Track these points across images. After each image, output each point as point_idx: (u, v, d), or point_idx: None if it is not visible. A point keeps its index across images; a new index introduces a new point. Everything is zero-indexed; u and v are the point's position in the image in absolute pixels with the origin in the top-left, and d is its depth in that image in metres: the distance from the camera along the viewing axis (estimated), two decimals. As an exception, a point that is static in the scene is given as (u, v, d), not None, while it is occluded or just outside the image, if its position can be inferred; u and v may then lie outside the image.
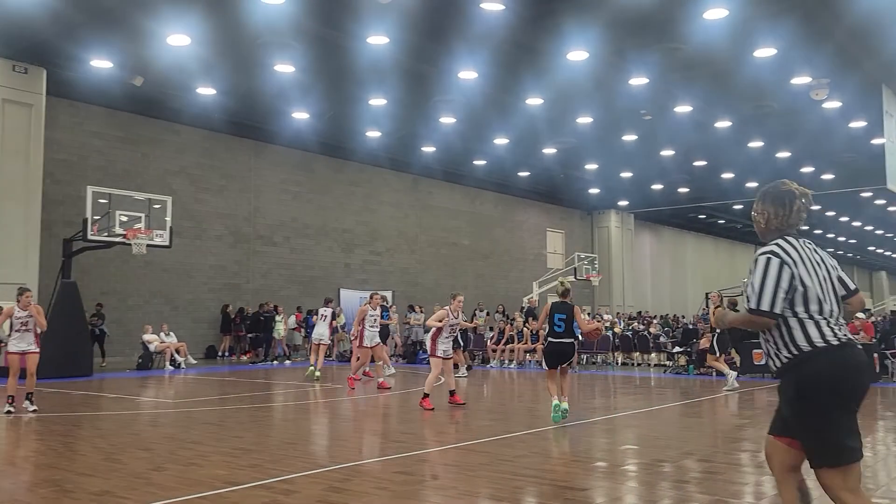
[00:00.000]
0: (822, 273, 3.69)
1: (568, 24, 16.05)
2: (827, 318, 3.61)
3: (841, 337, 3.59)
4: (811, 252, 3.73)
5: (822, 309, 3.61)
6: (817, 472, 3.56)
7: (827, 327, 3.58)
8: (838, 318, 3.65)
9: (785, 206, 3.84)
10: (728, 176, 32.26)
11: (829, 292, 3.67)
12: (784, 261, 3.63)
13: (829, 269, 3.75)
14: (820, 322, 3.59)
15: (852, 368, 3.56)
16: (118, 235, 17.09)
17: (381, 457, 7.32)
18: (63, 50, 17.71)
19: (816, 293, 3.62)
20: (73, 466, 6.89)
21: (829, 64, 18.32)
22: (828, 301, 3.64)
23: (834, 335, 3.58)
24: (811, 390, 3.52)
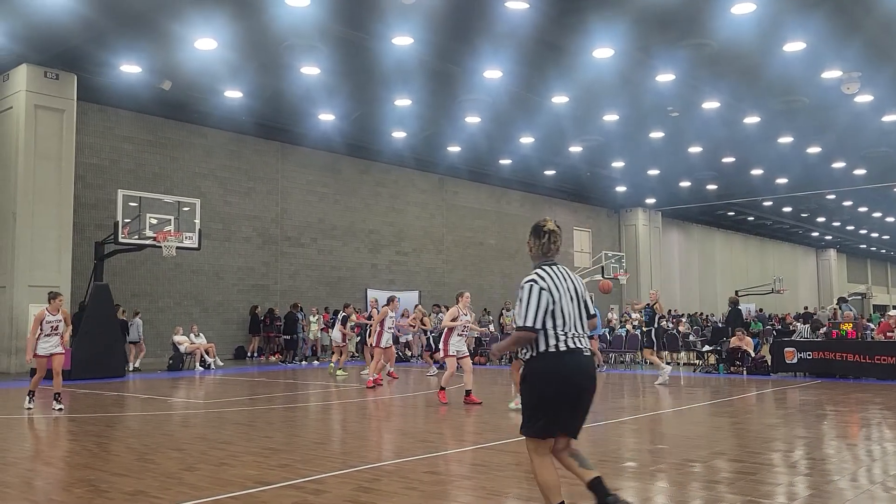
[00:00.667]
0: (570, 295, 4.64)
1: (593, 22, 15.96)
2: (566, 331, 4.55)
3: (570, 345, 4.53)
4: (563, 278, 4.68)
5: (566, 324, 4.56)
6: (524, 435, 4.63)
7: (563, 338, 4.53)
8: (576, 332, 4.59)
9: (540, 237, 4.81)
10: (757, 172, 31.85)
11: (573, 311, 4.62)
12: (542, 287, 4.55)
13: (579, 293, 4.70)
14: (559, 334, 4.53)
15: (574, 372, 4.51)
16: (148, 238, 17.32)
17: (410, 456, 7.34)
18: (93, 56, 18.00)
19: (562, 311, 4.56)
20: (107, 466, 6.99)
21: (860, 57, 18.01)
22: (570, 318, 4.59)
23: (565, 344, 4.52)
24: (534, 379, 4.56)
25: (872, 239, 58.09)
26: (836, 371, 16.02)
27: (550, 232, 4.82)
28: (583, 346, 4.58)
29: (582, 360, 4.55)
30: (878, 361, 15.36)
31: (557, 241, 4.83)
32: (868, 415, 10.43)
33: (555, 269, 4.70)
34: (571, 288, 4.67)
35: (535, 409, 4.54)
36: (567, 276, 4.73)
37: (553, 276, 4.63)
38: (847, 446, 7.96)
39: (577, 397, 4.52)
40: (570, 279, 4.73)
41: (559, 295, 4.57)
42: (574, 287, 4.70)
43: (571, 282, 4.71)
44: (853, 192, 35.78)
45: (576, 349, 4.54)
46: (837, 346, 16.07)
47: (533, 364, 4.58)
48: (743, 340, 17.81)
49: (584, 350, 4.58)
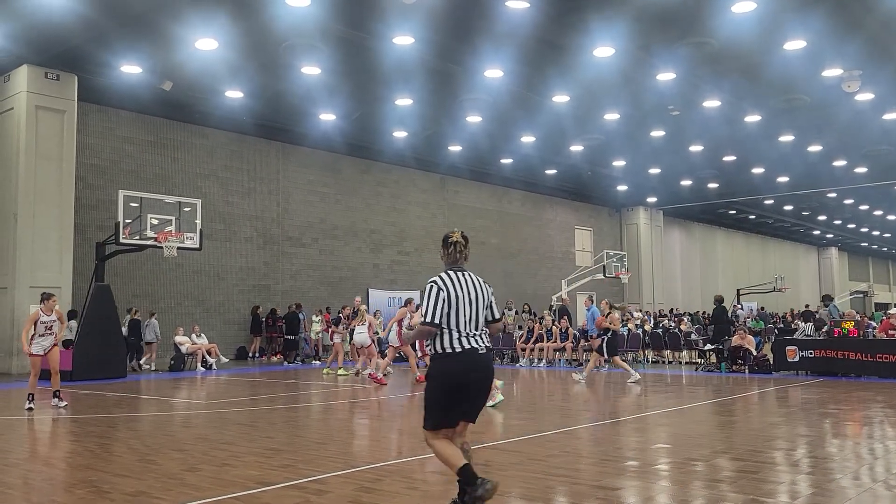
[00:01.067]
0: (470, 300, 5.12)
1: (593, 21, 15.96)
2: (463, 331, 5.04)
3: (465, 345, 5.00)
4: (468, 284, 5.18)
5: (460, 324, 5.03)
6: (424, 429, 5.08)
7: (460, 337, 5.02)
8: (473, 332, 5.08)
9: (447, 247, 5.35)
10: (758, 171, 31.83)
11: (470, 314, 5.09)
12: (440, 288, 5.08)
13: (479, 297, 5.18)
14: (454, 334, 5.02)
15: (467, 368, 4.98)
16: (149, 238, 17.31)
17: (412, 456, 7.33)
18: (94, 56, 18.00)
19: (460, 313, 5.04)
20: (109, 467, 6.99)
21: (860, 55, 17.99)
22: (467, 320, 5.06)
23: (460, 344, 5.00)
24: (433, 375, 5.07)
25: (874, 237, 58.04)
26: (837, 369, 16.01)
27: (456, 242, 5.35)
28: (478, 345, 5.07)
29: (477, 357, 5.04)
30: (880, 360, 15.35)
31: (464, 251, 5.35)
32: (870, 413, 10.42)
33: (459, 274, 5.23)
34: (472, 293, 5.18)
35: (434, 405, 5.06)
36: (471, 281, 5.24)
37: (454, 281, 5.17)
38: (849, 444, 7.95)
39: (470, 393, 5.04)
40: (474, 285, 5.23)
41: (457, 298, 5.08)
42: (476, 293, 5.20)
43: (474, 287, 5.22)
44: (854, 190, 35.74)
45: (470, 349, 5.02)
46: (839, 345, 16.05)
47: (433, 364, 5.14)
48: (745, 339, 17.81)
49: (478, 349, 5.06)
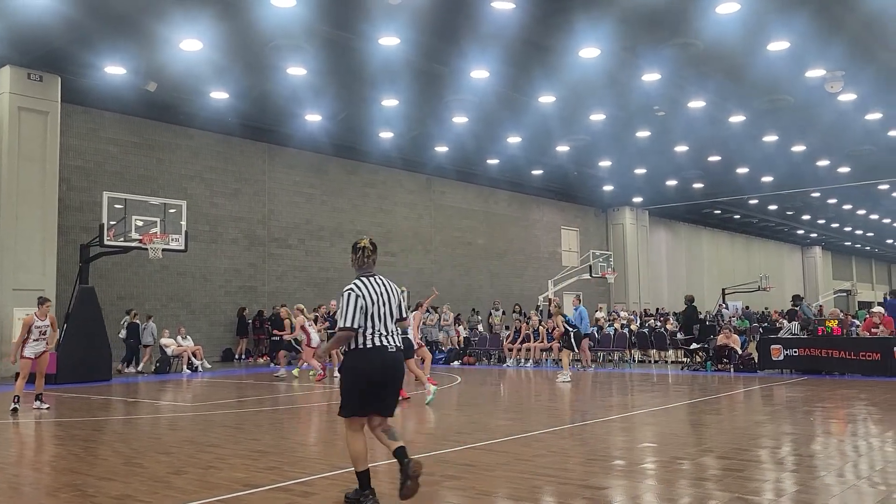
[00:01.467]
0: (381, 301, 5.59)
1: (579, 22, 16.01)
2: (377, 331, 5.53)
3: (377, 343, 5.50)
4: (380, 287, 5.66)
5: (376, 325, 5.53)
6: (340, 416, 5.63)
7: (374, 336, 5.51)
8: (385, 331, 5.56)
9: (356, 253, 5.83)
10: (743, 171, 32.04)
11: (383, 314, 5.58)
12: (358, 294, 5.52)
13: (391, 299, 5.67)
14: (368, 334, 5.50)
15: (378, 365, 5.48)
16: (134, 240, 17.21)
17: (399, 457, 7.32)
18: (77, 57, 17.87)
19: (375, 315, 5.53)
20: (94, 471, 6.94)
21: (843, 56, 18.16)
22: (380, 320, 5.55)
23: (372, 342, 5.49)
24: (348, 370, 5.58)
25: (857, 236, 58.56)
26: (821, 367, 16.13)
27: (364, 248, 5.81)
28: (389, 343, 5.56)
29: (387, 355, 5.52)
30: (863, 358, 15.49)
31: (372, 256, 5.81)
32: (854, 411, 10.52)
33: (371, 279, 5.70)
34: (385, 296, 5.65)
35: (348, 396, 5.58)
36: (382, 284, 5.71)
37: (368, 286, 5.63)
38: (834, 442, 8.02)
39: (381, 386, 5.53)
40: (385, 288, 5.71)
41: (373, 302, 5.55)
42: (388, 295, 5.67)
43: (385, 290, 5.69)
44: (838, 189, 36.05)
45: (381, 346, 5.52)
46: (823, 343, 16.18)
47: (348, 358, 5.58)
48: (730, 338, 17.92)
49: (389, 347, 5.55)
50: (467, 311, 29.17)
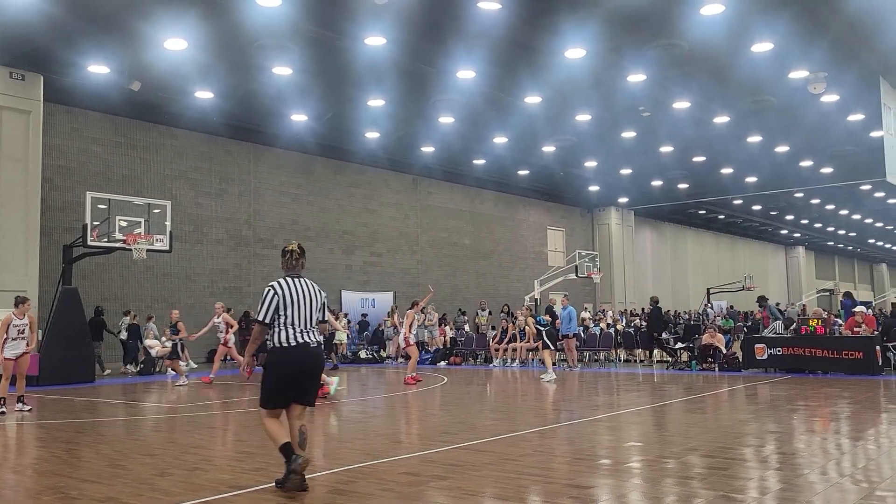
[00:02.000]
0: (302, 301, 6.00)
1: (565, 22, 16.05)
2: (295, 328, 5.94)
3: (298, 340, 5.92)
4: (301, 288, 6.09)
5: (295, 323, 5.95)
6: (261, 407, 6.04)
7: (294, 334, 5.93)
8: (305, 329, 5.98)
9: (284, 256, 6.31)
10: (727, 171, 32.24)
11: (303, 314, 5.99)
12: (276, 292, 6.00)
13: (313, 300, 6.09)
14: (289, 330, 5.92)
15: (297, 360, 5.93)
16: (118, 241, 17.07)
17: (386, 458, 7.32)
18: (60, 56, 17.71)
19: (293, 313, 5.94)
20: (78, 473, 6.88)
21: (826, 57, 18.31)
22: (300, 319, 5.97)
23: (294, 340, 5.92)
24: (269, 366, 5.99)
25: (839, 236, 59.07)
26: (805, 366, 16.27)
27: (291, 251, 6.28)
28: (309, 340, 5.98)
29: (308, 351, 5.96)
30: (846, 356, 15.63)
31: (300, 259, 6.26)
32: (837, 409, 10.61)
33: (295, 280, 6.12)
34: (306, 296, 6.05)
35: (269, 390, 5.98)
36: (305, 286, 6.12)
37: (289, 286, 6.06)
38: (817, 440, 8.09)
39: (300, 380, 5.97)
40: (307, 289, 6.11)
41: (291, 301, 5.96)
42: (309, 295, 6.07)
43: (308, 291, 6.10)
44: (820, 190, 36.33)
45: (302, 343, 5.94)
46: (806, 342, 16.32)
47: (271, 355, 5.98)
48: (715, 337, 18.03)
49: (310, 344, 5.97)
50: (454, 312, 29.18)
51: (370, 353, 23.92)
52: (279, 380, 5.94)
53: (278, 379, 5.95)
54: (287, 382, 5.95)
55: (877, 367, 15.49)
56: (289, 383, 5.95)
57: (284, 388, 5.95)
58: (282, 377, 5.94)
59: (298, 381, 5.97)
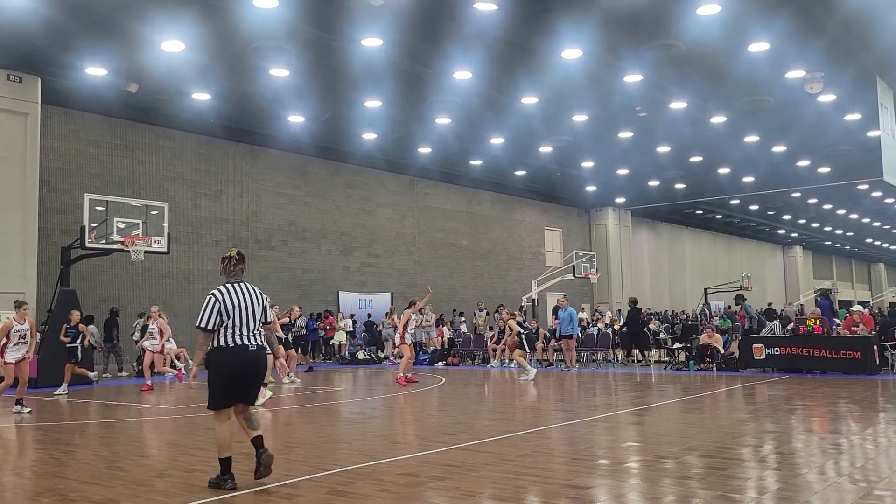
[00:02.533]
0: (243, 306, 6.25)
1: (561, 23, 16.07)
2: (237, 331, 6.19)
3: (237, 342, 6.17)
4: (242, 293, 6.32)
5: (235, 325, 6.19)
6: (209, 408, 6.27)
7: (233, 336, 6.18)
8: (246, 332, 6.23)
9: (223, 262, 6.51)
10: (724, 171, 32.29)
11: (244, 317, 6.24)
12: (217, 299, 6.21)
13: (253, 304, 6.33)
14: (234, 333, 6.18)
15: (238, 361, 6.18)
16: (116, 242, 17.07)
17: (384, 459, 7.32)
18: (57, 58, 17.70)
19: (233, 317, 6.20)
20: (76, 475, 6.88)
21: (822, 57, 18.35)
22: (240, 322, 6.21)
23: (234, 341, 6.17)
24: (213, 366, 6.23)
25: (837, 236, 59.14)
26: (803, 366, 16.28)
27: (230, 258, 6.48)
28: (249, 343, 6.22)
29: (247, 352, 6.20)
30: (844, 356, 15.65)
31: (238, 265, 6.47)
32: (835, 409, 10.63)
33: (235, 286, 6.35)
34: (247, 301, 6.29)
35: (214, 390, 6.21)
36: (246, 291, 6.35)
37: (230, 292, 6.28)
38: (815, 440, 8.10)
39: (242, 380, 6.21)
40: (248, 294, 6.35)
41: (232, 306, 6.20)
42: (249, 300, 6.31)
43: (248, 296, 6.33)
44: (818, 189, 36.38)
45: (242, 345, 6.19)
46: (804, 342, 16.33)
47: (211, 356, 6.24)
48: (712, 337, 18.05)
49: (249, 346, 6.22)
50: (451, 312, 29.17)
51: (368, 354, 23.92)
52: (222, 379, 6.18)
53: (221, 378, 6.19)
54: (229, 381, 6.17)
55: (874, 367, 15.51)
56: (231, 382, 6.18)
57: (227, 388, 6.17)
58: (224, 376, 6.18)
59: (240, 380, 6.21)
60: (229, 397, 6.21)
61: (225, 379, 6.18)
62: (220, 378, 6.21)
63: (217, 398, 6.21)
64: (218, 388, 6.21)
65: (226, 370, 6.18)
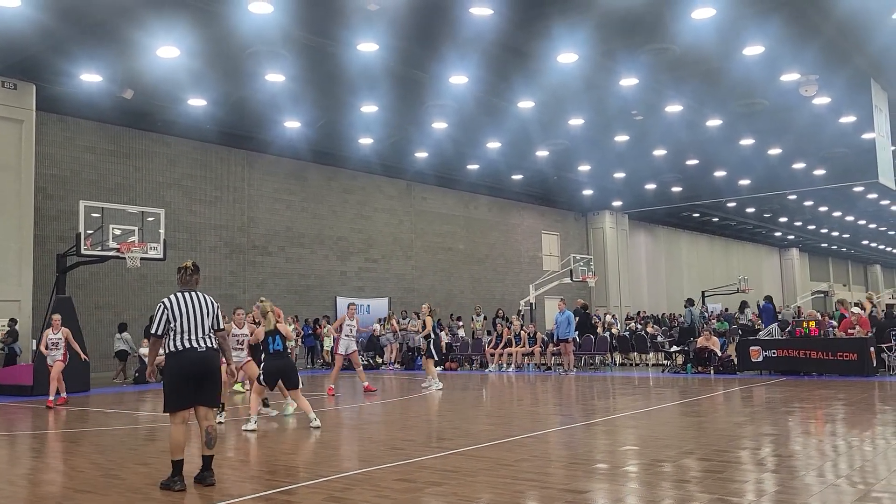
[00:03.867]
0: (191, 311, 6.61)
1: (557, 27, 16.09)
2: (185, 335, 6.53)
3: (186, 346, 6.51)
4: (190, 301, 6.67)
5: (184, 331, 6.54)
6: (165, 411, 6.58)
7: (181, 340, 6.52)
8: (195, 337, 6.55)
9: (179, 272, 6.88)
10: (721, 174, 32.34)
11: (191, 322, 6.58)
12: (165, 306, 6.61)
13: (201, 311, 6.67)
14: (182, 337, 6.53)
15: (187, 363, 6.49)
16: (112, 249, 17.03)
17: (381, 464, 7.30)
18: (52, 65, 17.68)
19: (182, 323, 6.55)
20: (72, 483, 6.85)
21: (817, 60, 18.39)
22: (188, 326, 6.56)
23: (182, 345, 6.51)
24: (165, 370, 6.58)
25: (833, 238, 59.25)
26: (800, 368, 16.29)
27: (185, 268, 6.85)
28: (199, 345, 6.53)
29: (195, 354, 6.50)
30: (841, 358, 15.66)
31: (193, 275, 6.84)
32: (832, 411, 10.62)
33: (186, 295, 6.70)
34: (193, 307, 6.63)
35: (167, 392, 6.53)
36: (195, 299, 6.69)
37: (178, 300, 6.63)
38: (813, 442, 8.10)
39: (193, 380, 6.48)
40: (197, 302, 6.68)
41: (179, 312, 6.55)
42: (196, 307, 6.65)
43: (197, 303, 6.67)
44: (813, 192, 36.44)
45: (191, 347, 6.50)
46: (801, 344, 16.34)
47: (166, 360, 6.58)
48: (710, 340, 18.05)
49: (198, 348, 6.52)
50: (447, 317, 29.13)
51: (366, 360, 23.87)
52: (173, 380, 6.50)
53: (172, 380, 6.50)
54: (180, 382, 6.48)
55: (871, 369, 15.53)
56: (181, 383, 6.47)
57: (179, 389, 6.47)
58: (174, 377, 6.49)
59: (190, 381, 6.47)
60: (183, 399, 6.48)
61: (176, 380, 6.49)
62: (171, 380, 6.51)
63: (170, 400, 6.49)
64: (170, 390, 6.50)
65: (176, 372, 6.48)
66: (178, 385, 6.48)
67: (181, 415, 6.50)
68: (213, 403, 6.70)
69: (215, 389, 6.69)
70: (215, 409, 6.78)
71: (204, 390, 6.55)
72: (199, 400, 6.53)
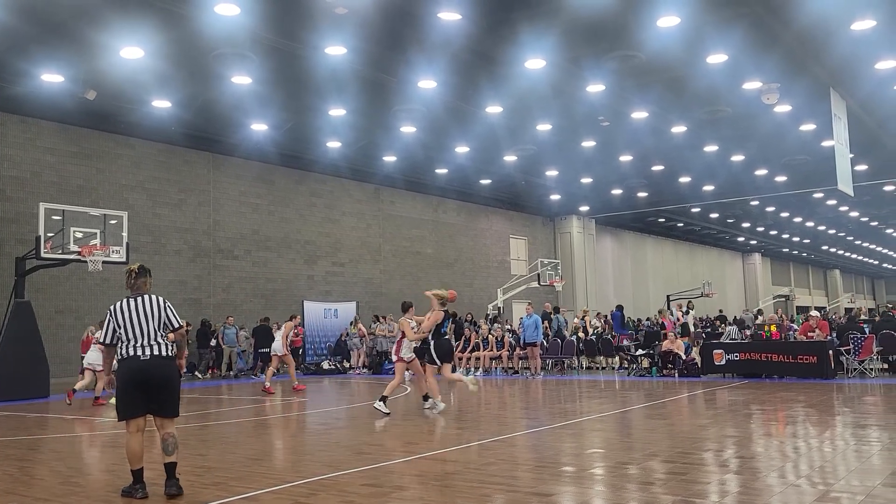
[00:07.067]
0: (135, 317, 6.41)
1: (525, 33, 16.19)
2: (132, 342, 6.38)
3: (132, 353, 6.35)
4: (137, 306, 6.47)
5: (129, 337, 6.38)
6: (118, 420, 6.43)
7: (128, 348, 6.38)
8: (142, 344, 6.38)
9: (126, 276, 6.66)
10: (685, 180, 32.78)
11: (136, 329, 6.39)
12: (111, 315, 6.46)
13: (148, 315, 6.45)
14: (127, 345, 6.38)
15: (130, 371, 6.33)
16: (73, 252, 16.71)
17: (348, 469, 7.26)
18: (12, 65, 17.32)
19: (126, 330, 6.39)
20: (31, 491, 6.70)
21: (778, 69, 18.75)
22: (133, 334, 6.38)
23: (127, 353, 6.37)
24: (119, 377, 6.41)
25: (794, 243, 60.39)
26: (761, 371, 16.57)
27: (130, 271, 6.66)
28: (142, 353, 6.35)
29: (139, 362, 6.33)
30: (801, 361, 15.96)
31: (139, 279, 6.61)
32: (792, 413, 10.82)
33: (132, 300, 6.51)
34: (140, 312, 6.43)
35: (119, 400, 6.40)
36: (142, 303, 6.49)
37: (122, 307, 6.46)
38: (774, 443, 8.23)
39: (140, 389, 6.33)
40: (143, 306, 6.48)
41: (124, 320, 6.39)
42: (143, 312, 6.44)
43: (144, 308, 6.47)
44: (775, 198, 37.15)
45: (135, 355, 6.34)
46: (762, 347, 16.64)
47: (117, 368, 6.54)
48: (674, 344, 18.27)
49: (141, 356, 6.34)
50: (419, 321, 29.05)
51: (333, 364, 23.75)
52: (121, 389, 6.40)
53: (120, 388, 6.41)
54: (128, 391, 6.34)
55: (830, 371, 15.85)
56: (129, 392, 6.34)
57: (128, 398, 6.34)
58: (122, 385, 6.39)
59: (138, 390, 6.33)
60: (133, 408, 6.35)
61: (123, 389, 6.37)
62: (120, 388, 6.41)
63: (122, 408, 6.38)
64: (120, 399, 6.40)
65: (123, 380, 6.37)
66: (127, 394, 6.35)
67: (134, 423, 6.34)
68: (167, 413, 6.44)
69: (167, 398, 6.43)
70: (172, 418, 6.50)
71: (151, 399, 6.35)
72: (149, 409, 6.38)
